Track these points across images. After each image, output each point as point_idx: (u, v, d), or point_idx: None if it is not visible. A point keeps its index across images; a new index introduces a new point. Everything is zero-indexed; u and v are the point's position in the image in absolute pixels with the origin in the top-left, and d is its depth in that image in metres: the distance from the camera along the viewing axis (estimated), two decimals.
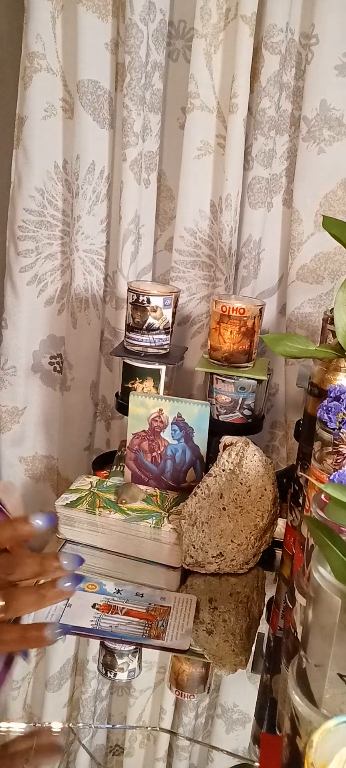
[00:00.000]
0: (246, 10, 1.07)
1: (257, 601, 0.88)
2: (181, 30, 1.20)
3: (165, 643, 0.75)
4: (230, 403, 1.08)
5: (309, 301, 1.19)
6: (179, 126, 1.23)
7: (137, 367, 1.09)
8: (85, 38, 1.15)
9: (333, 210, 1.15)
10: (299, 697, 0.46)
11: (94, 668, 0.74)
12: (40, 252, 1.30)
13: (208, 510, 0.91)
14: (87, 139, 1.20)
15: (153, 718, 0.68)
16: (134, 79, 1.14)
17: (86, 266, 1.28)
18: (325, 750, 0.38)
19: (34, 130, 1.22)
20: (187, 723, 0.69)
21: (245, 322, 1.06)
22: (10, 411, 1.36)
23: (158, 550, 0.92)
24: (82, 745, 0.64)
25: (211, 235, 1.23)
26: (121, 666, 0.75)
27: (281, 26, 1.09)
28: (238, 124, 1.12)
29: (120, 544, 0.94)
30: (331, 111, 1.11)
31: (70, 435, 1.36)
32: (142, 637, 0.75)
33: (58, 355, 1.37)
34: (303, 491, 0.86)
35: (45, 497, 1.42)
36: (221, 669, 0.75)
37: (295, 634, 0.64)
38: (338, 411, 0.68)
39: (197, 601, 0.83)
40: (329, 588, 0.45)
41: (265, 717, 0.71)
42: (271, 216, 1.21)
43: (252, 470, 0.95)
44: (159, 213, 1.29)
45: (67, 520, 0.96)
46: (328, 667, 0.44)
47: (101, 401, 1.39)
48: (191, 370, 1.25)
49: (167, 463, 1.05)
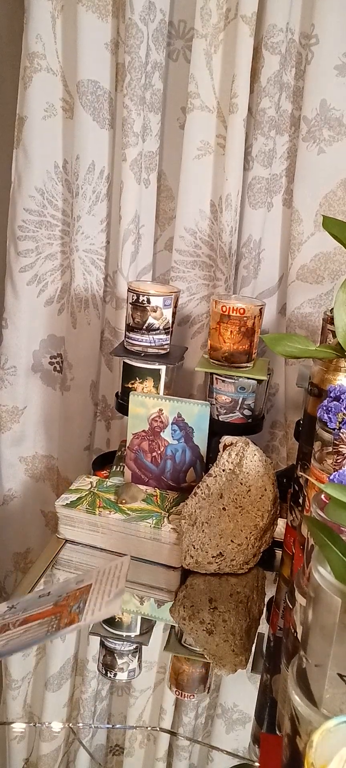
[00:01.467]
0: (246, 10, 1.07)
1: (257, 601, 0.88)
2: (181, 30, 1.20)
3: (81, 623, 0.71)
4: (230, 403, 1.08)
5: (309, 301, 1.19)
6: (178, 126, 1.23)
7: (137, 367, 1.09)
8: (85, 38, 1.15)
9: (333, 210, 1.15)
10: (299, 697, 0.46)
11: (94, 668, 0.74)
12: (40, 252, 1.30)
13: (208, 510, 0.91)
14: (87, 139, 1.20)
15: (153, 718, 0.68)
16: (134, 79, 1.14)
17: (86, 266, 1.28)
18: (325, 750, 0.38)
19: (34, 130, 1.22)
20: (187, 723, 0.69)
21: (245, 322, 1.06)
22: (10, 411, 1.36)
23: (158, 550, 0.92)
24: (82, 745, 0.64)
25: (211, 235, 1.23)
26: (121, 666, 0.75)
27: (281, 26, 1.09)
28: (238, 124, 1.12)
29: (120, 544, 0.94)
30: (331, 111, 1.11)
31: (70, 435, 1.36)
32: (46, 635, 0.70)
33: (58, 355, 1.37)
34: (303, 491, 0.86)
35: (45, 497, 1.42)
36: (221, 669, 0.75)
37: (295, 634, 0.64)
38: (338, 411, 0.68)
39: (128, 560, 0.81)
40: (329, 588, 0.45)
41: (265, 717, 0.71)
42: (271, 216, 1.21)
43: (252, 470, 0.95)
44: (159, 213, 1.29)
45: (67, 520, 0.96)
46: (328, 667, 0.44)
47: (101, 401, 1.39)
48: (191, 370, 1.25)
49: (167, 463, 1.05)
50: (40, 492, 1.42)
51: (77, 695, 0.70)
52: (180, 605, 0.85)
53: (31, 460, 1.41)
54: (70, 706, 0.69)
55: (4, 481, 1.40)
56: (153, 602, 0.88)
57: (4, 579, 1.45)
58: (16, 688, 0.70)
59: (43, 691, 0.71)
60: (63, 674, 0.73)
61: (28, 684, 0.71)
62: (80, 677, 0.73)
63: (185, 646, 0.80)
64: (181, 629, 0.82)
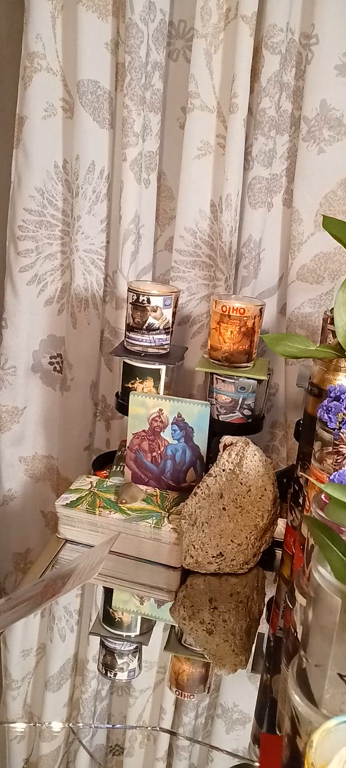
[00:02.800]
0: (246, 10, 1.07)
1: (257, 601, 0.88)
2: (181, 30, 1.20)
3: (61, 594, 0.72)
4: (230, 403, 1.08)
5: (309, 301, 1.19)
6: (179, 126, 1.23)
7: (137, 367, 1.09)
8: (85, 38, 1.15)
9: (333, 210, 1.15)
10: (299, 697, 0.46)
11: (94, 668, 0.74)
12: (40, 252, 1.30)
13: (208, 510, 0.91)
14: (87, 139, 1.20)
15: (153, 718, 0.68)
16: (134, 79, 1.14)
17: (86, 266, 1.27)
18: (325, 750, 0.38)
19: (34, 130, 1.22)
20: (187, 723, 0.68)
21: (245, 322, 1.06)
22: (10, 411, 1.36)
23: (158, 550, 0.92)
24: (82, 745, 0.64)
25: (211, 235, 1.23)
26: (121, 666, 0.75)
27: (281, 26, 1.09)
28: (238, 124, 1.12)
29: (120, 544, 0.94)
30: (331, 111, 1.11)
31: (70, 435, 1.36)
32: (30, 610, 0.70)
33: (58, 355, 1.37)
34: (303, 491, 0.86)
35: (45, 497, 1.42)
36: (221, 669, 0.75)
37: (295, 634, 0.64)
38: (338, 411, 0.68)
39: (117, 536, 0.81)
40: (329, 588, 0.45)
41: (265, 717, 0.71)
42: (271, 216, 1.21)
43: (252, 470, 0.95)
44: (159, 213, 1.29)
45: (67, 520, 0.96)
46: (328, 667, 0.44)
47: (101, 401, 1.39)
48: (191, 370, 1.25)
49: (167, 463, 1.05)
50: (40, 492, 1.42)
51: (77, 695, 0.70)
52: (180, 605, 0.85)
53: (31, 460, 1.41)
54: (70, 706, 0.69)
55: (4, 481, 1.40)
56: (153, 602, 0.88)
57: (4, 579, 1.45)
58: (16, 688, 0.70)
59: (43, 691, 0.71)
60: (63, 674, 0.73)
61: (28, 684, 0.71)
62: (80, 677, 0.73)
63: (185, 646, 0.80)
64: (181, 629, 0.82)
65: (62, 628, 0.81)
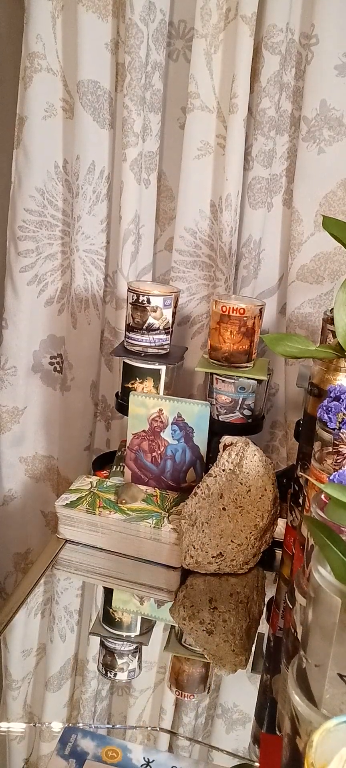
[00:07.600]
0: (246, 10, 1.07)
1: (257, 601, 0.88)
2: (181, 30, 1.20)
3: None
4: (230, 403, 1.08)
5: (309, 301, 1.19)
6: (178, 126, 1.23)
7: (137, 367, 1.09)
8: (86, 38, 1.15)
9: (333, 210, 1.15)
10: (299, 697, 0.46)
11: (94, 668, 0.74)
12: (41, 252, 1.30)
13: (208, 510, 0.91)
14: (87, 139, 1.20)
15: (153, 718, 0.68)
16: (134, 79, 1.14)
17: (86, 266, 1.28)
18: (325, 750, 0.38)
19: (34, 130, 1.22)
20: (187, 723, 0.69)
21: (245, 322, 1.06)
22: (10, 411, 1.36)
23: (158, 550, 0.92)
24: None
25: (211, 235, 1.23)
26: (121, 666, 0.75)
27: (281, 26, 1.09)
28: (238, 124, 1.12)
29: (120, 544, 0.94)
30: (331, 111, 1.11)
31: (70, 435, 1.36)
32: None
33: (58, 355, 1.37)
34: (303, 491, 0.86)
35: (45, 497, 1.42)
36: (221, 669, 0.75)
37: (295, 634, 0.64)
38: (338, 411, 0.68)
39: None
40: (329, 588, 0.45)
41: (265, 717, 0.71)
42: (271, 216, 1.21)
43: (252, 470, 0.95)
44: (159, 213, 1.29)
45: (67, 520, 0.96)
46: (328, 667, 0.44)
47: (101, 401, 1.39)
48: (191, 370, 1.25)
49: (167, 463, 1.05)
50: (40, 492, 1.42)
51: (77, 695, 0.70)
52: (180, 605, 0.85)
53: (32, 460, 1.41)
54: (70, 706, 0.69)
55: (4, 481, 1.40)
56: (153, 602, 0.88)
57: (5, 579, 1.45)
58: (16, 689, 0.70)
59: (43, 691, 0.71)
60: (63, 674, 0.73)
61: (28, 684, 0.71)
62: (80, 677, 0.73)
63: (185, 646, 0.80)
64: (181, 629, 0.82)
65: (62, 628, 0.81)
